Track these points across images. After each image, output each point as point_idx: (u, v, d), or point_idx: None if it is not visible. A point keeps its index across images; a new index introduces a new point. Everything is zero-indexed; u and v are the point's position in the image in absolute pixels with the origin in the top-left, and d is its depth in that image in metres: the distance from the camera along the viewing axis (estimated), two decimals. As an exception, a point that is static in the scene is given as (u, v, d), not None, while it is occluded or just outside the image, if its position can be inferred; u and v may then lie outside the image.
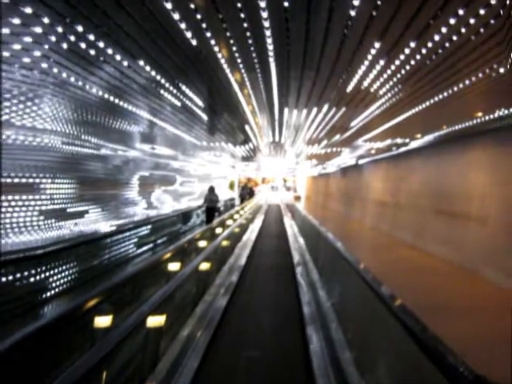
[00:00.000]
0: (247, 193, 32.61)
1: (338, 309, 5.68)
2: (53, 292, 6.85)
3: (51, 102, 6.80)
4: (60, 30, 4.07)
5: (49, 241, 8.43)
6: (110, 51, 4.74)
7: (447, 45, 4.33)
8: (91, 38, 4.34)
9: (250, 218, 17.83)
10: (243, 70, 5.53)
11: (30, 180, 8.29)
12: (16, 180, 7.92)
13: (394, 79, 5.68)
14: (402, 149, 13.52)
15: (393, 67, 5.17)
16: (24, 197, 8.09)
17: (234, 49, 4.74)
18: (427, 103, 6.82)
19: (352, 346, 4.46)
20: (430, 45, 4.38)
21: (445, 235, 10.51)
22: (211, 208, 15.64)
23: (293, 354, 4.77)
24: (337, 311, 5.66)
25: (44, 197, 8.69)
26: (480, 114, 7.30)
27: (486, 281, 7.99)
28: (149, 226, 11.96)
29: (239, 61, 5.15)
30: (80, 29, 4.12)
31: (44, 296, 6.66)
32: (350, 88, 6.21)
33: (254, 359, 4.66)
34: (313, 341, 4.86)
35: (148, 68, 5.45)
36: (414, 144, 12.11)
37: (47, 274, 6.75)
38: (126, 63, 5.18)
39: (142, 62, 5.23)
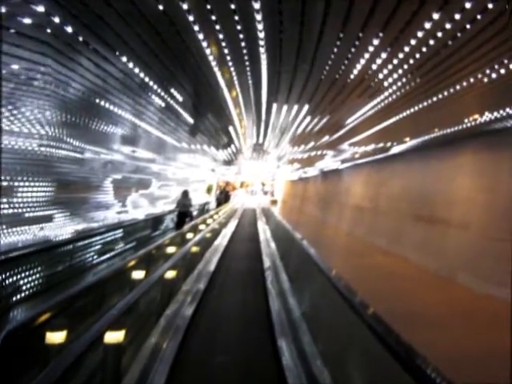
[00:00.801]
0: (223, 197, 32.40)
1: (309, 318, 5.66)
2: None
3: (21, 101, 6.46)
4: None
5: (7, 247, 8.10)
6: (88, 44, 4.54)
7: (449, 42, 4.33)
8: (69, 30, 4.12)
9: (223, 223, 17.71)
10: (231, 63, 5.34)
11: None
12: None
13: (395, 75, 5.53)
14: (387, 153, 13.67)
15: (395, 61, 5.00)
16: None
17: (221, 37, 4.49)
18: (421, 105, 6.82)
19: (324, 356, 4.43)
20: (431, 42, 4.35)
21: (422, 241, 10.65)
22: (183, 213, 15.26)
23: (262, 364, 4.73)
24: (307, 320, 5.63)
25: (12, 200, 8.34)
26: (475, 117, 7.27)
27: (463, 287, 8.05)
28: (116, 232, 11.65)
29: (226, 52, 4.95)
30: (57, 20, 3.90)
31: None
32: (346, 83, 6.01)
33: (224, 363, 4.67)
34: (284, 355, 4.77)
35: (130, 64, 5.27)
36: (400, 148, 12.25)
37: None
38: (105, 58, 4.97)
39: (124, 58, 5.04)
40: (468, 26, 3.94)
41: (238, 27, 4.22)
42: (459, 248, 8.89)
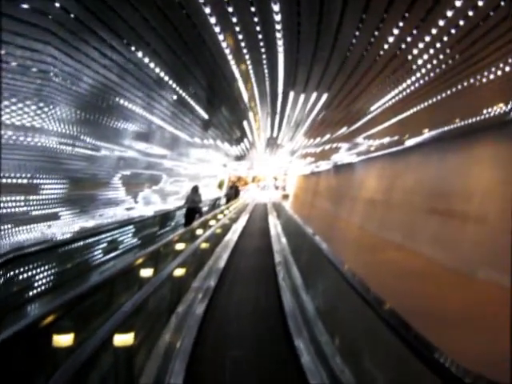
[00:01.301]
0: (233, 192, 31.95)
1: (324, 315, 5.55)
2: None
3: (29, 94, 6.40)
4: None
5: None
6: (102, 38, 4.45)
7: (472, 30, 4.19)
8: (81, 22, 4.04)
9: (234, 218, 17.63)
10: (247, 55, 5.19)
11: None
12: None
13: (419, 61, 5.26)
14: (402, 146, 13.43)
15: (421, 45, 4.73)
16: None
17: (238, 29, 4.36)
18: (440, 95, 6.60)
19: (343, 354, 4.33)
20: (453, 31, 4.23)
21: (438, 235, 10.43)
22: (192, 209, 14.89)
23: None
24: (323, 318, 5.53)
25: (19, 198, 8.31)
26: (501, 105, 7.00)
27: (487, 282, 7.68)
28: (123, 229, 11.55)
29: (243, 44, 4.81)
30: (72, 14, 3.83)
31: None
32: (367, 71, 5.75)
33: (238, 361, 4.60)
34: (302, 352, 4.68)
35: (146, 59, 5.19)
36: (415, 140, 12.02)
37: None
38: (119, 51, 4.87)
39: (139, 53, 4.96)
40: (491, 14, 3.82)
41: (255, 19, 4.13)
42: (478, 242, 8.65)
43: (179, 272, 6.60)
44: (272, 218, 19.17)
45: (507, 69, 5.25)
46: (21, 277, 6.74)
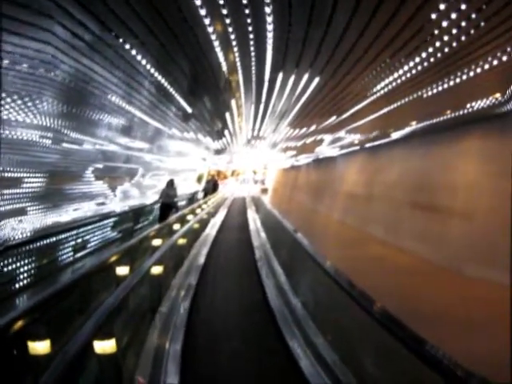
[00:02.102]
0: (211, 187, 31.31)
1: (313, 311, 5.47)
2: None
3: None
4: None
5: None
6: (71, 12, 3.97)
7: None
8: None
9: (212, 213, 17.36)
10: (233, 37, 4.81)
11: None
12: None
13: (412, 52, 5.08)
14: (386, 139, 13.36)
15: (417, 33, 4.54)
16: None
17: (225, 12, 4.05)
18: (430, 88, 6.45)
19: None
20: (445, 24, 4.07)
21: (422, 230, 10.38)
22: (167, 204, 14.24)
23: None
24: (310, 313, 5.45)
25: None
26: (497, 96, 6.75)
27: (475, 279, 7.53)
28: (94, 225, 10.97)
29: (230, 30, 4.54)
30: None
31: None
32: (358, 59, 5.45)
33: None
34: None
35: (121, 40, 4.75)
36: (400, 133, 11.92)
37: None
38: (91, 30, 4.40)
39: (111, 31, 4.51)
40: (484, 7, 3.71)
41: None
42: (465, 238, 8.61)
43: (157, 270, 6.34)
44: (251, 213, 19.02)
45: (495, 62, 5.15)
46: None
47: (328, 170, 21.54)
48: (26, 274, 7.22)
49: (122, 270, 6.01)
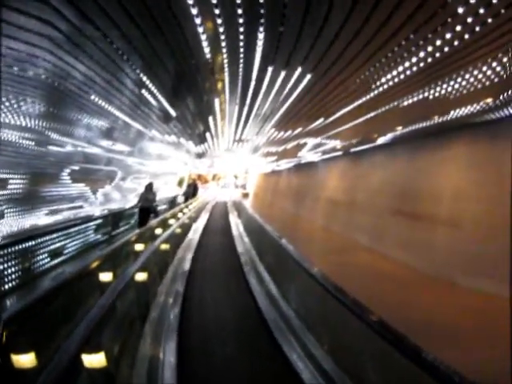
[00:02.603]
0: (191, 191, 30.18)
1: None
2: None
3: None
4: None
5: None
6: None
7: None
8: None
9: (193, 217, 17.11)
10: (222, 37, 4.69)
11: None
12: None
13: (405, 54, 4.99)
14: (368, 145, 13.34)
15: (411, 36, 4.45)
16: None
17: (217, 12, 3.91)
18: (427, 88, 6.28)
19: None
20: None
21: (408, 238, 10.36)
22: (146, 208, 13.86)
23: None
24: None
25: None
26: (488, 101, 6.69)
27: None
28: (68, 230, 10.28)
29: (221, 30, 4.41)
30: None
31: None
32: (354, 58, 5.25)
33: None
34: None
35: (101, 32, 4.44)
36: (383, 139, 11.91)
37: None
38: (68, 19, 4.04)
39: (92, 22, 4.20)
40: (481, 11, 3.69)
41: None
42: (452, 246, 8.60)
43: (141, 277, 6.12)
44: (233, 218, 18.84)
45: (485, 69, 5.16)
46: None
47: (309, 175, 21.52)
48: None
49: (106, 277, 5.78)
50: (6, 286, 6.86)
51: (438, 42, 4.56)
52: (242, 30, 4.50)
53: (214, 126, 11.40)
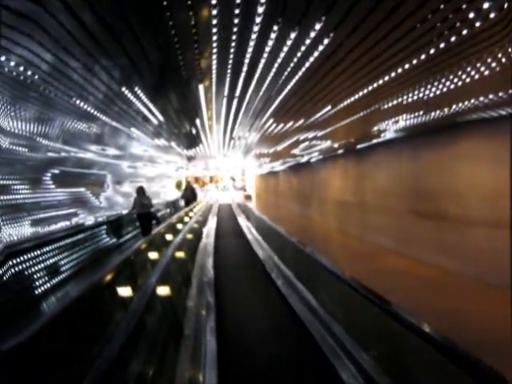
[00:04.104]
0: (190, 194, 26.53)
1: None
2: None
3: None
4: None
5: None
6: None
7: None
8: None
9: (201, 221, 16.24)
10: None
11: None
12: None
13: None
14: (367, 143, 12.53)
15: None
16: None
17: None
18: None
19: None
20: None
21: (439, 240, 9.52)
22: (144, 215, 12.28)
23: None
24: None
25: None
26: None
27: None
28: (63, 242, 9.13)
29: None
30: None
31: None
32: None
33: None
34: None
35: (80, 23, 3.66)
36: (385, 136, 11.09)
37: None
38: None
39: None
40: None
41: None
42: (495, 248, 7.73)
43: (164, 290, 5.29)
44: (242, 220, 18.10)
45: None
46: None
47: (308, 176, 20.69)
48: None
49: (125, 291, 4.95)
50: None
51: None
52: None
53: (201, 125, 10.36)
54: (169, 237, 9.96)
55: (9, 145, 8.10)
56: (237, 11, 3.64)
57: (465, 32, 3.90)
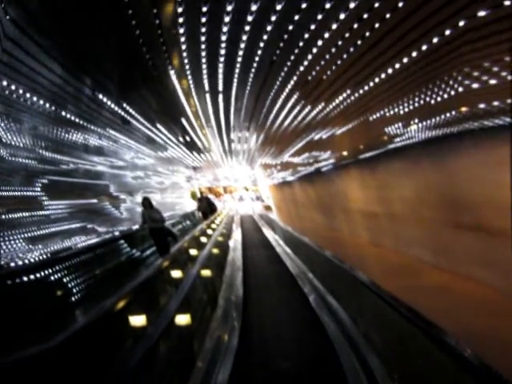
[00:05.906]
0: (206, 205, 24.41)
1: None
2: None
3: None
4: None
5: None
6: None
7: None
8: None
9: (225, 234, 15.68)
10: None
11: None
12: None
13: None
14: (382, 149, 11.81)
15: None
16: None
17: None
18: None
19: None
20: None
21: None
22: (157, 230, 10.83)
23: None
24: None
25: None
26: None
27: None
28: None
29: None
30: None
31: None
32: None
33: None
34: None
35: None
36: (402, 142, 10.36)
37: None
38: None
39: None
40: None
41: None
42: None
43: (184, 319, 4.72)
44: (268, 232, 17.60)
45: None
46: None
47: (325, 186, 19.89)
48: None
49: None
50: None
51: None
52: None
53: (193, 131, 9.93)
54: (193, 252, 9.44)
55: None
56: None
57: None
